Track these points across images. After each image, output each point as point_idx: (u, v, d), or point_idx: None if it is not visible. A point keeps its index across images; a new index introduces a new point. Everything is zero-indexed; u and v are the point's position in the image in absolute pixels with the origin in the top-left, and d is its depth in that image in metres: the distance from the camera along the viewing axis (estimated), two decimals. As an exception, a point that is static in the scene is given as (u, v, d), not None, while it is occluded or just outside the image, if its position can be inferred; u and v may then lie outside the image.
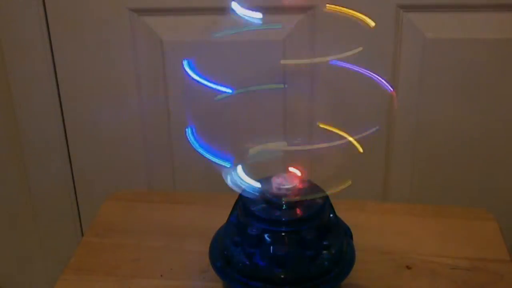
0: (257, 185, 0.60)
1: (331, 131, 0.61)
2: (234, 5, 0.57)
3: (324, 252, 0.59)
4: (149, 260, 0.71)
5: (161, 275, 0.69)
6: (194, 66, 0.59)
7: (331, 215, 0.62)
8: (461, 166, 1.03)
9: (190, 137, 0.59)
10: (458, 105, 0.98)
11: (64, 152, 1.09)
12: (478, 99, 0.98)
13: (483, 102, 0.98)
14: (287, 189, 0.60)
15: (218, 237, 0.64)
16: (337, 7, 0.59)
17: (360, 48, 0.55)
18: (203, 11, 0.94)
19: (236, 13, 0.57)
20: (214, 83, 0.58)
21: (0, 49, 1.01)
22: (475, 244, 0.73)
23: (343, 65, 0.57)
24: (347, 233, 0.64)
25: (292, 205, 0.60)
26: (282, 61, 0.56)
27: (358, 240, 0.64)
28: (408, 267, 0.69)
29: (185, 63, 0.59)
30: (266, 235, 0.59)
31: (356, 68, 0.59)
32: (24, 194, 1.14)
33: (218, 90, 0.58)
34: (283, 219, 0.59)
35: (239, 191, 0.60)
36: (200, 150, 0.58)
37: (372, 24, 0.57)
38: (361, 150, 0.56)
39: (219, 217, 0.65)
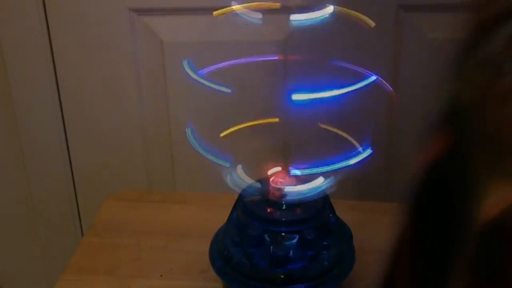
0: (257, 184, 0.60)
1: (332, 131, 0.61)
2: (234, 5, 0.57)
3: (324, 252, 0.59)
4: (149, 260, 0.71)
5: (161, 275, 0.69)
6: (194, 66, 0.59)
7: (331, 215, 0.62)
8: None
9: (190, 138, 0.59)
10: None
11: (64, 152, 1.09)
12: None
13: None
14: (287, 189, 0.60)
15: (218, 237, 0.64)
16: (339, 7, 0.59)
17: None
18: (203, 11, 0.94)
19: (237, 14, 0.57)
20: (214, 83, 0.58)
21: (0, 49, 1.01)
22: (475, 244, 0.73)
23: (344, 65, 0.58)
24: (347, 233, 0.64)
25: (292, 205, 0.60)
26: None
27: (358, 240, 0.64)
28: (408, 267, 0.69)
29: (185, 63, 0.59)
30: (266, 235, 0.59)
31: (356, 68, 0.59)
32: (24, 194, 1.14)
33: (218, 90, 0.58)
34: (283, 219, 0.59)
35: (239, 191, 0.60)
36: (200, 150, 0.58)
37: (373, 24, 0.57)
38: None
39: (219, 217, 0.64)
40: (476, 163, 0.30)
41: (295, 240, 0.58)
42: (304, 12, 0.54)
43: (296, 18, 0.54)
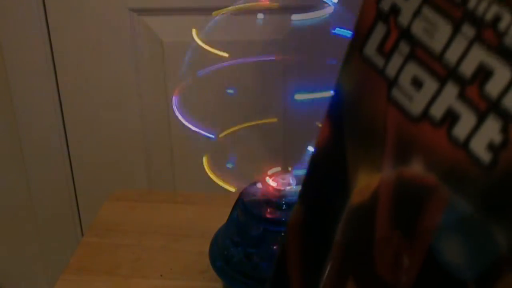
0: (257, 184, 0.60)
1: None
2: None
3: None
4: (149, 260, 0.71)
5: (161, 275, 0.69)
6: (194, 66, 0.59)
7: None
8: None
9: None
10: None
11: (64, 152, 1.09)
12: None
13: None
14: (287, 189, 0.60)
15: (218, 237, 0.64)
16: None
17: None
18: (203, 11, 0.94)
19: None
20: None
21: (0, 49, 1.01)
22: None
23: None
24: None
25: (292, 205, 0.60)
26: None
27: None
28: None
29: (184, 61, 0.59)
30: (266, 235, 0.59)
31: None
32: (24, 194, 1.14)
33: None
34: (283, 219, 0.59)
35: None
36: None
37: None
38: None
39: (219, 217, 0.64)
40: (350, 152, 0.33)
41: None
42: (304, 12, 0.54)
43: (297, 18, 0.54)
